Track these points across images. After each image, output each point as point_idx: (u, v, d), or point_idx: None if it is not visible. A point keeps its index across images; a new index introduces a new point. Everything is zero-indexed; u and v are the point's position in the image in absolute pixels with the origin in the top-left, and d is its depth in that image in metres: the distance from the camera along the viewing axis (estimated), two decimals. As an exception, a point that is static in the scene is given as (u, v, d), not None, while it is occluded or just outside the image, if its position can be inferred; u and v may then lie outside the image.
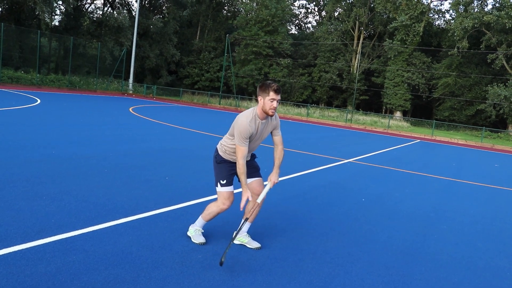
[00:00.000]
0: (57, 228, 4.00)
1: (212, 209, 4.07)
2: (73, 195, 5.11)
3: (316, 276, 3.69)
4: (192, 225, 4.25)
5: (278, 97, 3.74)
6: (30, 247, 3.52)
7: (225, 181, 3.97)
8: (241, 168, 3.78)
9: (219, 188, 4.00)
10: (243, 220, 4.06)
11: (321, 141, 16.70)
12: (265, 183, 4.13)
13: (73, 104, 19.75)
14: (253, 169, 4.12)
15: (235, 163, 3.99)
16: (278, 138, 4.13)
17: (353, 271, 3.89)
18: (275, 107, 3.75)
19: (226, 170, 3.99)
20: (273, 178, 4.03)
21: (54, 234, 3.86)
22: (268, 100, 3.73)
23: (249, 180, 4.10)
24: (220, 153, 4.03)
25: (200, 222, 4.18)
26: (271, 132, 4.10)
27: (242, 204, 3.75)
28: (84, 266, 3.30)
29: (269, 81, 3.80)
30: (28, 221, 4.09)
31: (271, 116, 3.83)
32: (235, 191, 4.15)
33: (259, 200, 3.97)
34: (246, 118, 3.79)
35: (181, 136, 12.58)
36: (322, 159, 11.00)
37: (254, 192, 4.10)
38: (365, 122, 33.54)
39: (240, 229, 3.93)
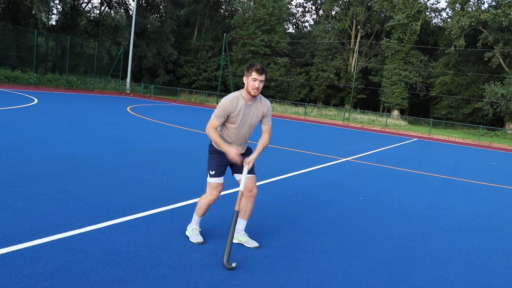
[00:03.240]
0: (54, 228, 3.99)
1: (202, 202, 4.12)
2: (71, 195, 5.10)
3: (314, 274, 3.69)
4: (189, 224, 4.26)
5: (261, 77, 3.79)
6: (27, 247, 3.51)
7: (213, 172, 4.01)
8: (212, 136, 3.88)
9: (208, 178, 4.06)
10: (241, 222, 4.12)
11: (319, 140, 16.72)
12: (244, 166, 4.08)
13: (70, 103, 19.71)
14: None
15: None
16: (266, 126, 4.12)
17: (351, 270, 3.90)
18: (257, 87, 3.79)
19: (216, 161, 4.01)
20: (251, 159, 4.00)
21: (51, 234, 3.85)
22: (251, 80, 3.79)
23: (240, 176, 4.11)
24: (212, 142, 4.07)
25: (195, 219, 4.20)
26: (261, 121, 4.10)
27: (238, 159, 3.89)
28: (82, 266, 3.30)
29: (255, 63, 3.84)
30: (25, 221, 4.08)
31: (253, 96, 3.85)
32: (231, 191, 4.14)
33: (241, 187, 3.94)
34: (230, 96, 3.89)
35: (179, 135, 12.58)
36: (319, 158, 11.01)
37: (246, 189, 4.12)
38: (363, 121, 33.58)
39: (235, 223, 3.81)
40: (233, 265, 3.59)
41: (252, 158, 4.03)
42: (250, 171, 4.09)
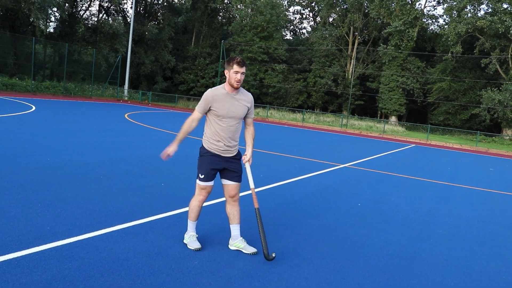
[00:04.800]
0: (52, 236, 3.98)
1: (192, 204, 4.17)
2: (69, 202, 5.09)
3: (312, 281, 3.69)
4: (185, 233, 4.27)
5: (242, 69, 3.91)
6: (25, 255, 3.50)
7: (203, 176, 4.05)
8: (185, 126, 4.03)
9: (197, 181, 4.11)
10: (235, 227, 4.22)
11: (317, 146, 16.73)
12: (244, 161, 4.15)
13: (68, 110, 19.70)
14: (234, 173, 4.12)
15: (218, 155, 4.04)
16: (250, 120, 4.24)
17: (349, 276, 3.89)
18: (239, 79, 3.91)
19: (206, 165, 4.03)
20: (247, 156, 4.15)
21: (49, 241, 3.84)
22: (233, 73, 3.91)
23: (227, 182, 4.14)
24: (203, 143, 4.11)
25: (190, 225, 4.22)
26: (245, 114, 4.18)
27: (163, 154, 4.07)
28: (80, 274, 3.29)
29: (234, 56, 3.97)
30: (23, 229, 4.07)
31: (236, 88, 3.96)
32: (220, 200, 4.15)
33: (252, 185, 4.13)
34: (212, 88, 4.04)
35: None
36: (317, 164, 11.02)
37: (229, 195, 4.16)
38: (361, 127, 33.63)
39: (260, 220, 4.07)
40: (273, 255, 3.93)
41: (250, 155, 4.16)
42: (237, 179, 4.13)
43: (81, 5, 43.53)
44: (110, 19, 43.07)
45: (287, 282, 3.61)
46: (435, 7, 77.96)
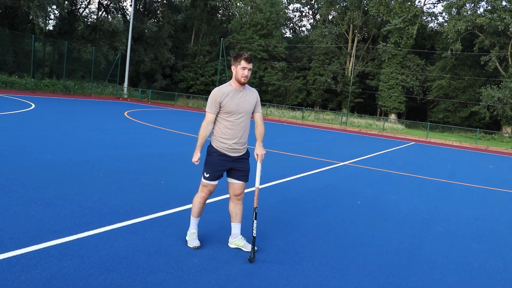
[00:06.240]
0: (52, 234, 3.98)
1: (194, 201, 4.18)
2: (68, 200, 5.09)
3: (312, 279, 3.69)
4: (188, 229, 4.27)
5: (250, 65, 3.92)
6: (24, 253, 3.50)
7: (208, 175, 4.04)
8: (201, 130, 3.96)
9: (202, 178, 4.11)
10: (236, 226, 4.24)
11: (316, 144, 16.73)
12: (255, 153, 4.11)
13: (67, 108, 19.69)
14: (241, 172, 4.11)
15: (226, 155, 4.02)
16: (258, 115, 4.21)
17: (349, 274, 3.89)
18: (247, 75, 3.92)
19: (213, 165, 4.02)
20: (259, 151, 4.10)
21: (49, 239, 3.84)
22: (240, 69, 3.91)
23: (233, 181, 4.13)
24: (212, 142, 4.09)
25: (192, 221, 4.23)
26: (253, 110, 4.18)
27: (194, 159, 3.96)
28: (79, 272, 3.29)
29: (241, 52, 3.97)
30: (22, 227, 4.07)
31: (243, 84, 3.97)
32: (220, 197, 4.15)
33: (257, 184, 4.10)
34: (218, 86, 4.03)
35: (177, 140, 12.57)
36: (317, 162, 11.02)
37: (233, 193, 4.16)
38: (360, 125, 33.62)
39: (254, 240, 4.04)
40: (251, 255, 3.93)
41: (261, 151, 4.10)
42: (243, 179, 4.12)
43: (80, 3, 43.45)
44: (109, 16, 42.99)
45: (287, 279, 3.61)
46: (434, 5, 77.91)
